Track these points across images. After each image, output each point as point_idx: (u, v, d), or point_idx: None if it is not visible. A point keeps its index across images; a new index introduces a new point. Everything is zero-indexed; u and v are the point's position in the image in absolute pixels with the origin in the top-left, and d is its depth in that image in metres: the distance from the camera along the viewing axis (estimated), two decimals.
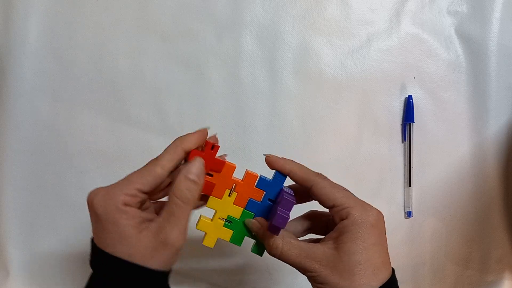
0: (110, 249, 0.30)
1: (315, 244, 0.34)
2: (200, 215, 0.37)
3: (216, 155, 0.35)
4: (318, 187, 0.34)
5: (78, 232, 0.57)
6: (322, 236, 0.36)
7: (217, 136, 0.36)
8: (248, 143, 0.57)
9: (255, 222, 0.35)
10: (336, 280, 0.31)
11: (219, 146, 0.35)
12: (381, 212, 0.34)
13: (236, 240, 0.37)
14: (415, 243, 0.58)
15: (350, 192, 0.35)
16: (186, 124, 0.57)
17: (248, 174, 0.36)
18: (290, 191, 0.36)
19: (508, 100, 0.57)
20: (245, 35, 0.57)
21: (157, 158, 0.33)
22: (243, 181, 0.36)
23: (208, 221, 0.36)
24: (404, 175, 0.58)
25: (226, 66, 0.57)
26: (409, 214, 0.57)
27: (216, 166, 0.35)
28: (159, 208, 0.35)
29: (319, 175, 0.36)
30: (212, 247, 0.37)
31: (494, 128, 0.57)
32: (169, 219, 0.31)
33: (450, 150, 0.58)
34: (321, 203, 0.35)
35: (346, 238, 0.32)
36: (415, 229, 0.58)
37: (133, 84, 0.57)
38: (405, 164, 0.58)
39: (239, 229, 0.36)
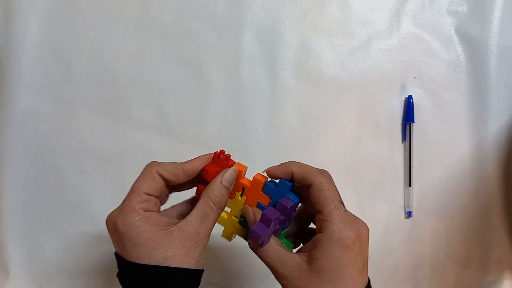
0: (146, 260, 0.31)
1: (292, 253, 0.34)
2: None
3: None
4: (316, 189, 0.33)
5: (78, 232, 0.57)
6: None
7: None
8: (248, 143, 0.57)
9: (250, 212, 0.35)
10: None
11: (229, 154, 0.36)
12: (364, 231, 0.33)
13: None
14: (415, 243, 0.58)
15: (342, 206, 0.34)
16: (186, 124, 0.57)
17: (255, 179, 0.37)
18: (288, 202, 0.34)
19: (508, 100, 0.57)
20: (245, 35, 0.57)
21: (155, 163, 0.35)
22: (251, 186, 0.37)
23: (225, 216, 0.38)
24: (404, 175, 0.58)
25: (226, 66, 0.57)
26: (409, 214, 0.57)
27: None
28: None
29: (323, 173, 0.34)
30: (230, 240, 0.38)
31: (494, 128, 0.57)
32: (204, 220, 0.33)
33: (450, 150, 0.58)
34: (313, 203, 0.34)
35: (319, 254, 0.31)
36: (415, 229, 0.58)
37: (133, 84, 0.57)
38: (405, 164, 0.58)
39: None
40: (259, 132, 0.57)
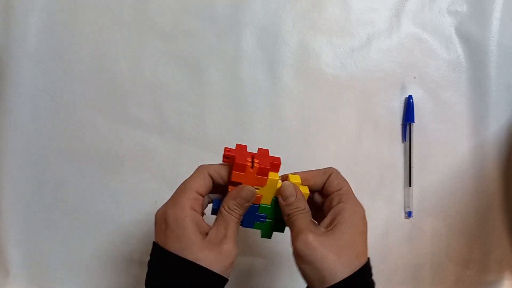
0: (179, 253, 0.34)
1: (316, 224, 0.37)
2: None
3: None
4: (335, 174, 0.39)
5: (78, 232, 0.57)
6: None
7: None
8: (248, 143, 0.57)
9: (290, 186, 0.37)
10: (324, 254, 0.33)
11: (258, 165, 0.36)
12: None
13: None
14: (415, 243, 0.58)
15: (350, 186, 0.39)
16: (186, 124, 0.57)
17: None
18: None
19: (508, 100, 0.57)
20: (245, 35, 0.57)
21: (205, 165, 0.38)
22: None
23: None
24: (404, 175, 0.58)
25: (226, 66, 0.57)
26: (409, 214, 0.57)
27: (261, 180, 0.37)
28: None
29: (331, 167, 0.40)
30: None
31: (494, 128, 0.57)
32: (226, 230, 0.35)
33: (450, 150, 0.58)
34: (331, 187, 0.38)
35: (342, 219, 0.35)
36: (415, 229, 0.58)
37: (133, 84, 0.57)
38: (405, 164, 0.58)
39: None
40: (259, 132, 0.57)
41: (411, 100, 0.57)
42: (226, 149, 0.37)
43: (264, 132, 0.57)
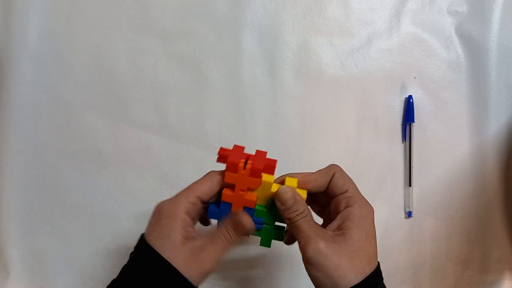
0: (157, 248, 0.34)
1: (325, 229, 0.36)
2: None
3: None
4: (339, 174, 0.38)
5: (78, 232, 0.57)
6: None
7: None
8: (248, 143, 0.57)
9: (288, 191, 0.36)
10: (337, 262, 0.33)
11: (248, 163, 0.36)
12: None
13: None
14: (415, 243, 0.58)
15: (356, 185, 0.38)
16: (186, 124, 0.57)
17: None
18: None
19: (508, 100, 0.57)
20: (245, 35, 0.57)
21: (215, 171, 0.37)
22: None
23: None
24: (404, 175, 0.58)
25: (226, 66, 0.57)
26: (409, 214, 0.57)
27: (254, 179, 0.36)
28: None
29: (334, 165, 0.39)
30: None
31: (494, 128, 0.57)
32: (210, 245, 0.35)
33: (450, 150, 0.58)
34: (336, 188, 0.37)
35: (352, 225, 0.35)
36: (415, 229, 0.58)
37: (133, 84, 0.57)
38: (405, 164, 0.58)
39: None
40: (259, 132, 0.57)
41: (411, 100, 0.57)
42: (221, 149, 0.37)
43: (264, 132, 0.57)
